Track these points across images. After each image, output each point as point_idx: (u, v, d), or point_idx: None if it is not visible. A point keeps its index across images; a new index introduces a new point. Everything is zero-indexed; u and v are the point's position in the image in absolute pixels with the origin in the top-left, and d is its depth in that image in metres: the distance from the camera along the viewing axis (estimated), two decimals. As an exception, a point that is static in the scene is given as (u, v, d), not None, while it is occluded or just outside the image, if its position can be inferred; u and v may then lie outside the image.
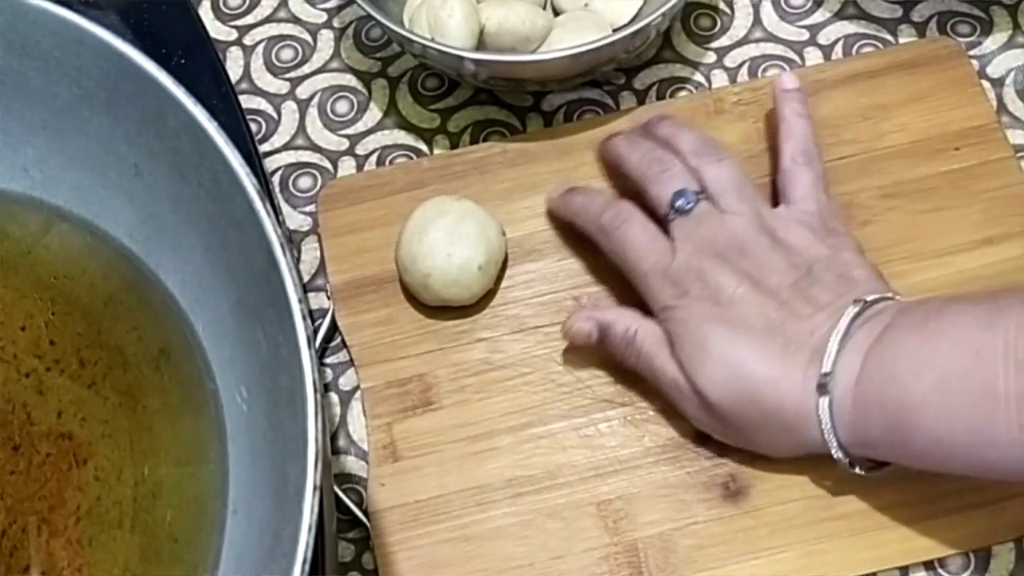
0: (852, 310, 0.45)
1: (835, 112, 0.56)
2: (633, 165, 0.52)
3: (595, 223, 0.51)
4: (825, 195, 0.50)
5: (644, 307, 0.50)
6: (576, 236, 0.54)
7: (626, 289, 0.51)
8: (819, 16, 0.61)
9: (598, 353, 0.51)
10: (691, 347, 0.46)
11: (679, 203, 0.49)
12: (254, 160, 0.55)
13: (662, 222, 0.50)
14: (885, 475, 0.46)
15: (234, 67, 0.62)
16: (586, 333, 0.50)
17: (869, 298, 0.45)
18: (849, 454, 0.45)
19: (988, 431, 0.40)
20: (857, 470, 0.45)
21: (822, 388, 0.44)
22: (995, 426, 0.40)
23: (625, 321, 0.49)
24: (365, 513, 0.50)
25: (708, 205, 0.49)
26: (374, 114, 0.60)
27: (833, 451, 0.45)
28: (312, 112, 0.61)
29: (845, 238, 0.49)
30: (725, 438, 0.48)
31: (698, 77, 0.60)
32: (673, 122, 0.53)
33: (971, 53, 0.58)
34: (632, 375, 0.51)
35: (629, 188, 0.53)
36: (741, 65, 0.60)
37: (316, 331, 0.54)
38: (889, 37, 0.60)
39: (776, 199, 0.52)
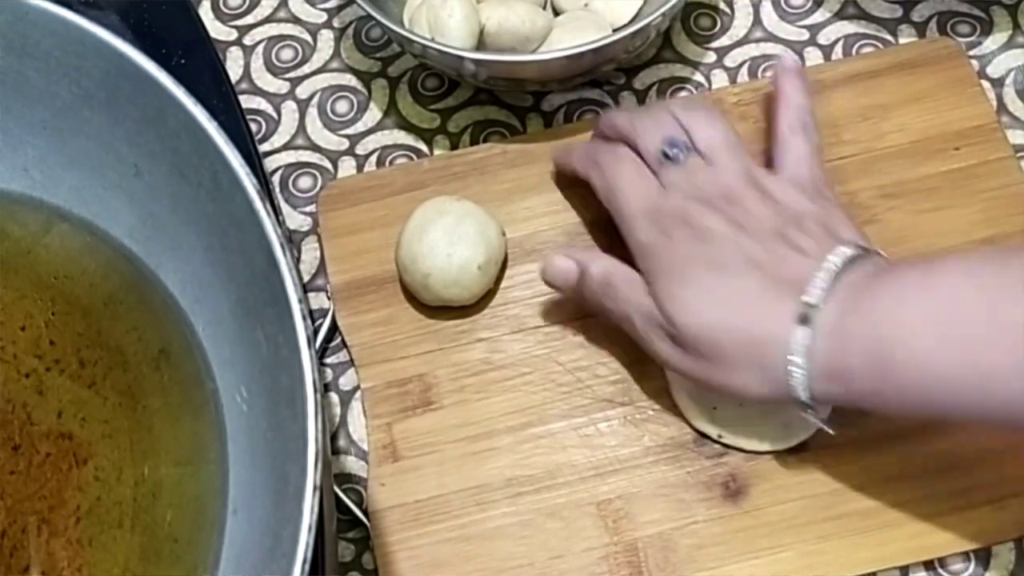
0: (846, 250, 0.44)
1: (835, 112, 0.56)
2: (624, 122, 0.52)
3: (592, 160, 0.52)
4: (819, 167, 0.50)
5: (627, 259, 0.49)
6: (576, 236, 0.54)
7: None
8: (819, 16, 0.61)
9: (597, 352, 0.52)
10: (667, 279, 0.46)
11: (671, 152, 0.49)
12: (254, 160, 0.55)
13: (654, 168, 0.50)
14: (842, 435, 0.46)
15: (234, 67, 0.62)
16: (565, 270, 0.50)
17: (861, 243, 0.45)
18: (812, 393, 0.44)
19: (986, 362, 0.39)
20: (810, 417, 0.45)
21: (804, 319, 0.43)
22: (994, 356, 0.39)
23: (603, 262, 0.50)
24: (365, 513, 0.50)
25: (699, 160, 0.49)
26: (374, 114, 0.60)
27: (796, 385, 0.43)
28: (312, 112, 0.61)
29: (835, 203, 0.48)
30: (697, 376, 0.47)
31: (698, 77, 0.60)
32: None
33: (971, 53, 0.58)
34: (632, 375, 0.51)
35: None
36: (741, 65, 0.60)
37: (316, 331, 0.54)
38: (889, 37, 0.60)
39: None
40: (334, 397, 0.53)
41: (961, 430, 0.48)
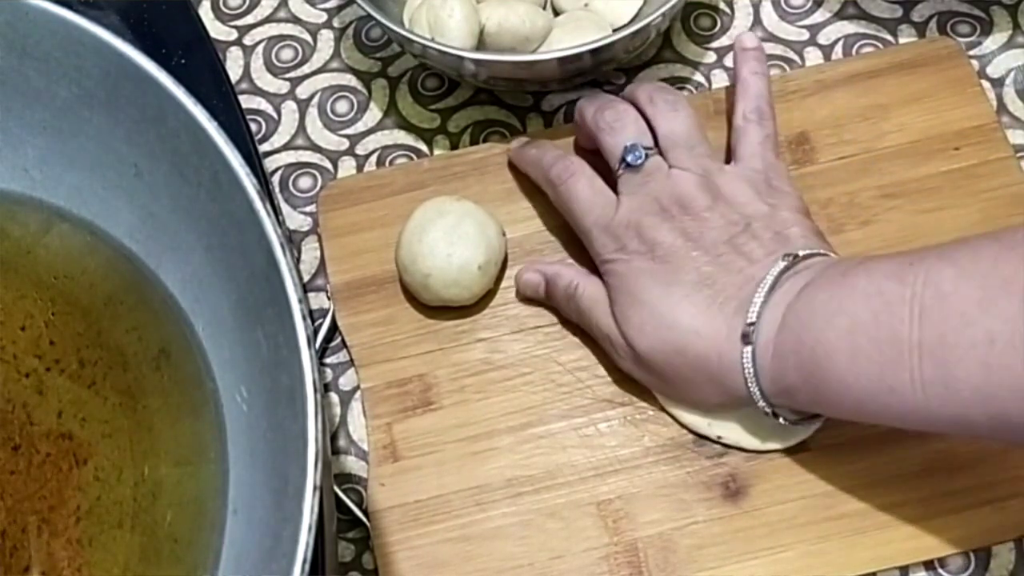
0: (781, 263, 0.46)
1: (835, 112, 0.56)
2: (590, 116, 0.53)
3: (544, 175, 0.53)
4: (773, 154, 0.51)
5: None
6: (576, 237, 0.54)
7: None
8: (819, 16, 0.61)
9: (597, 352, 0.52)
10: (624, 300, 0.48)
11: (629, 157, 0.50)
12: (254, 160, 0.55)
13: (612, 174, 0.51)
14: (809, 426, 0.48)
15: (234, 67, 0.62)
16: (534, 284, 0.52)
17: (800, 253, 0.46)
18: (772, 404, 0.46)
19: (893, 378, 0.41)
20: (781, 420, 0.46)
21: (746, 338, 0.45)
22: (899, 372, 0.40)
23: (568, 275, 0.51)
24: (365, 513, 0.50)
25: (658, 160, 0.50)
26: (374, 114, 0.60)
27: (756, 399, 0.46)
28: (312, 112, 0.61)
29: (788, 196, 0.49)
30: (660, 391, 0.50)
31: (698, 77, 0.60)
32: (638, 81, 0.54)
33: (971, 53, 0.58)
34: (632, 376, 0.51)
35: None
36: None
37: (316, 331, 0.54)
38: (889, 37, 0.60)
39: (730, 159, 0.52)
40: (334, 397, 0.53)
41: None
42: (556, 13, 0.59)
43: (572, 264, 0.52)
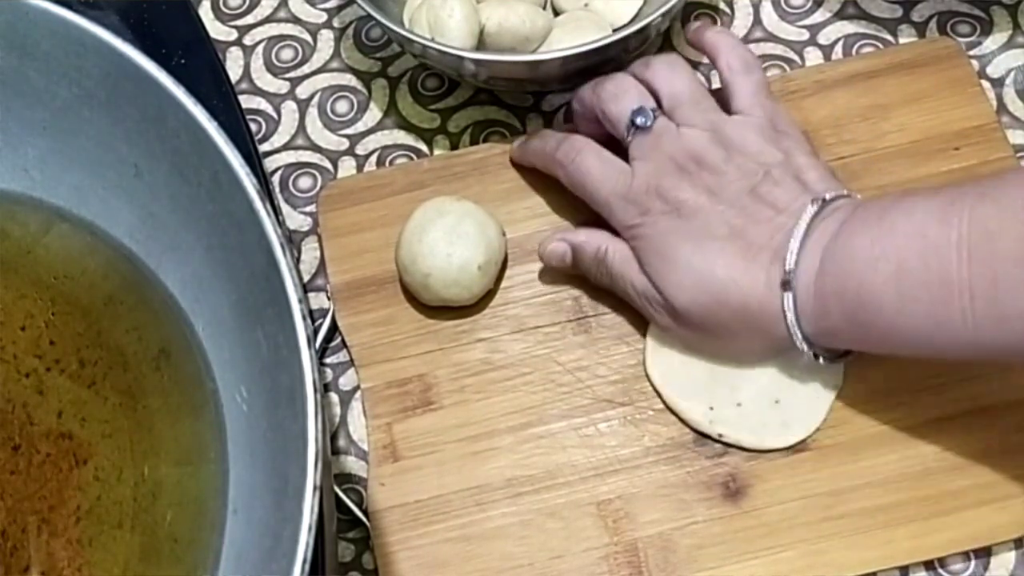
0: (812, 209, 0.46)
1: (835, 112, 0.56)
2: (588, 93, 0.53)
3: (551, 158, 0.53)
4: (769, 100, 0.51)
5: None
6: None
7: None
8: (819, 16, 0.61)
9: (596, 352, 0.52)
10: (657, 259, 0.48)
11: (638, 120, 0.50)
12: (254, 160, 0.55)
13: (621, 143, 0.51)
14: (849, 362, 0.49)
15: (234, 67, 0.62)
16: (560, 254, 0.52)
17: (827, 196, 0.46)
18: (813, 345, 0.46)
19: (942, 316, 0.41)
20: (821, 360, 0.47)
21: (786, 285, 0.45)
22: (950, 312, 0.41)
23: (596, 240, 0.51)
24: (365, 513, 0.50)
25: (665, 121, 0.50)
26: (374, 114, 0.60)
27: (798, 343, 0.46)
28: (312, 112, 0.61)
29: (797, 140, 0.50)
30: (700, 347, 0.50)
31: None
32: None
33: (971, 53, 0.58)
34: (632, 375, 0.51)
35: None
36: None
37: (316, 331, 0.54)
38: (889, 37, 0.60)
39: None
40: (334, 397, 0.53)
41: (961, 430, 0.48)
42: (556, 13, 0.59)
43: (596, 230, 0.52)
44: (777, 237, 0.46)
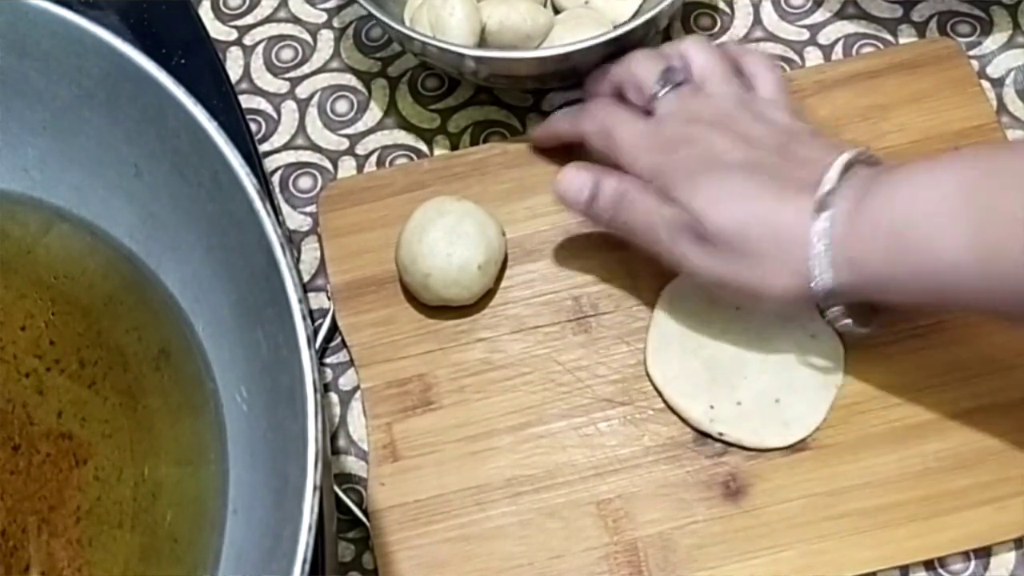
0: (849, 152, 0.45)
1: (835, 112, 0.56)
2: (617, 67, 0.53)
3: (577, 121, 0.53)
4: (789, 97, 0.51)
5: None
6: (576, 236, 0.54)
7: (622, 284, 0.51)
8: (819, 16, 0.61)
9: (596, 352, 0.52)
10: (689, 182, 0.47)
11: (669, 75, 0.51)
12: (254, 160, 0.55)
13: (648, 103, 0.51)
14: (865, 334, 0.47)
15: (234, 67, 0.62)
16: (579, 184, 0.50)
17: (863, 149, 0.46)
18: (836, 284, 0.44)
19: (987, 247, 0.41)
20: (828, 316, 0.46)
21: (820, 206, 0.44)
22: (994, 242, 0.40)
23: (617, 175, 0.50)
24: (365, 513, 0.50)
25: (693, 87, 0.51)
26: (374, 114, 0.60)
27: (821, 272, 0.44)
28: (312, 112, 0.61)
29: (819, 130, 0.50)
30: (722, 274, 0.47)
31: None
32: None
33: (971, 53, 0.58)
34: (633, 375, 0.51)
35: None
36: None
37: (316, 331, 0.54)
38: (889, 37, 0.60)
39: None
40: (334, 397, 0.53)
41: (960, 430, 0.48)
42: (556, 11, 0.59)
43: (615, 170, 0.50)
44: (813, 172, 0.45)
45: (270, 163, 0.59)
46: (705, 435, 0.50)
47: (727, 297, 0.50)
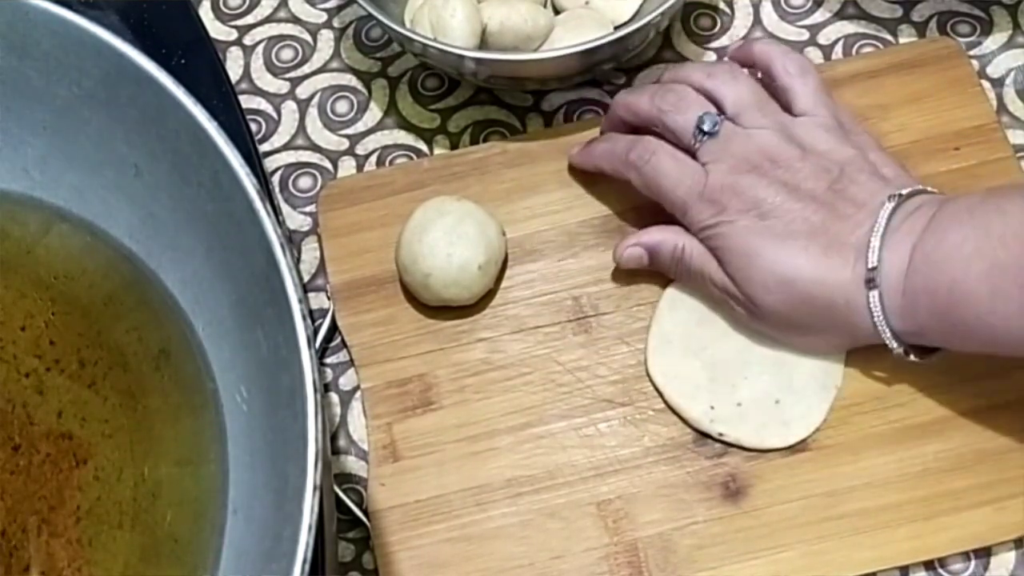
0: (889, 205, 0.46)
1: (835, 112, 0.56)
2: (646, 105, 0.52)
3: (623, 161, 0.52)
4: (831, 98, 0.51)
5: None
6: (576, 236, 0.54)
7: (624, 283, 0.51)
8: (819, 16, 0.61)
9: (596, 352, 0.52)
10: (738, 259, 0.48)
11: (706, 125, 0.50)
12: (254, 160, 0.55)
13: (688, 150, 0.51)
14: (939, 359, 0.47)
15: (234, 67, 0.62)
16: (637, 257, 0.52)
17: (904, 191, 0.47)
18: (903, 343, 0.46)
19: None
20: (912, 357, 0.47)
21: (871, 283, 0.45)
22: None
23: (671, 240, 0.51)
24: (365, 513, 0.50)
25: (732, 125, 0.50)
26: (374, 114, 0.60)
27: (887, 340, 0.46)
28: (312, 112, 0.61)
29: (865, 137, 0.50)
30: (782, 342, 0.50)
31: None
32: (676, 66, 0.54)
33: (971, 53, 0.58)
34: (633, 375, 0.51)
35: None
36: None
37: (316, 331, 0.54)
38: (889, 37, 0.60)
39: None
40: (334, 397, 0.53)
41: (960, 430, 0.48)
42: (556, 11, 0.59)
43: (670, 227, 0.51)
44: (858, 233, 0.46)
45: (270, 163, 0.59)
46: (705, 435, 0.50)
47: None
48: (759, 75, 0.53)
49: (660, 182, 0.50)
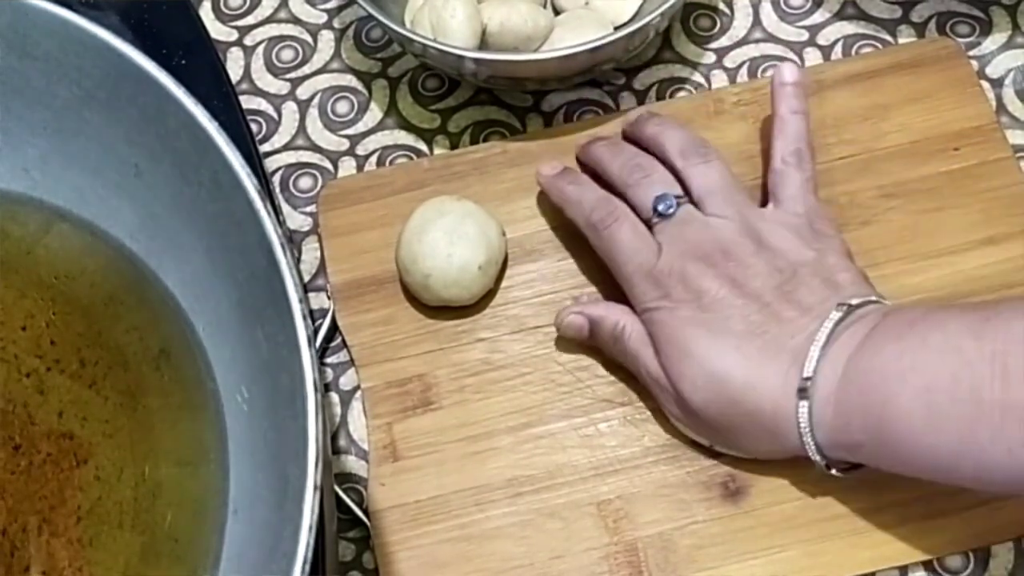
0: (836, 314, 0.44)
1: (835, 112, 0.56)
2: (615, 171, 0.52)
3: (586, 218, 0.51)
4: (814, 197, 0.50)
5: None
6: (576, 236, 0.54)
7: (615, 287, 0.51)
8: (819, 16, 0.61)
9: (596, 352, 0.52)
10: (672, 350, 0.47)
11: (660, 207, 0.49)
12: (254, 160, 0.55)
13: (647, 224, 0.50)
14: (861, 476, 0.46)
15: (234, 67, 0.62)
16: (577, 327, 0.51)
17: (853, 302, 0.45)
18: (827, 456, 0.45)
19: (972, 438, 0.40)
20: (834, 472, 0.45)
21: (803, 392, 0.44)
22: (980, 433, 0.39)
23: (614, 317, 0.50)
24: (365, 513, 0.50)
25: (690, 209, 0.49)
26: (374, 114, 0.60)
27: (811, 454, 0.45)
28: (312, 112, 0.61)
29: (832, 240, 0.49)
30: (708, 440, 0.49)
31: (697, 77, 0.60)
32: (661, 120, 0.53)
33: (971, 53, 0.58)
34: (631, 375, 0.51)
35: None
36: (741, 65, 0.60)
37: (316, 331, 0.54)
38: (889, 37, 0.60)
39: (767, 199, 0.51)
40: (334, 397, 0.53)
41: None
42: (556, 12, 0.59)
43: (616, 304, 0.50)
44: (798, 338, 0.44)
45: (270, 163, 0.59)
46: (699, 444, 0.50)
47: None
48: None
49: (614, 251, 0.50)
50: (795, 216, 0.49)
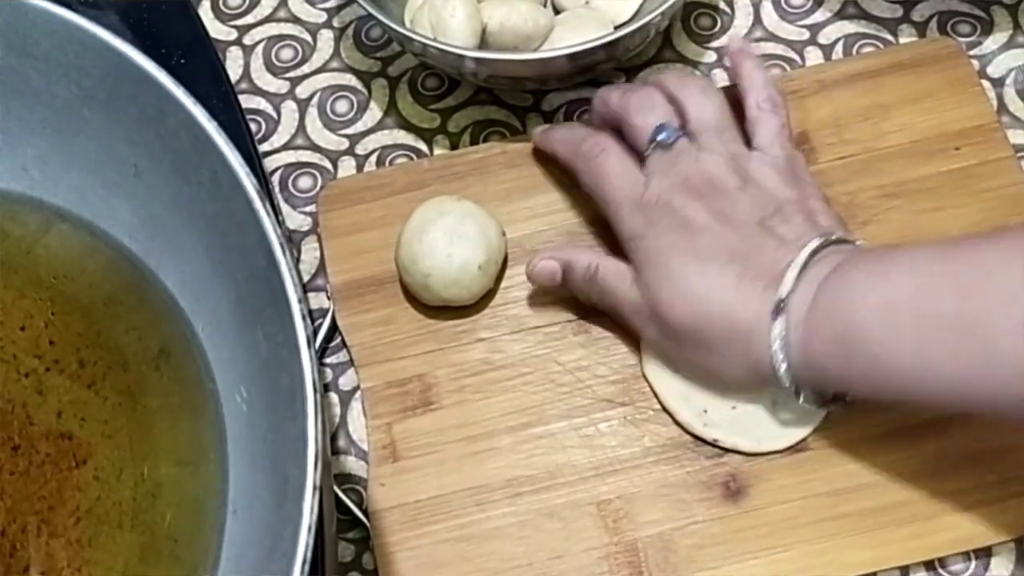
0: (814, 243, 0.46)
1: (835, 112, 0.56)
2: (615, 102, 0.53)
3: (574, 150, 0.53)
4: (791, 144, 0.51)
5: (614, 247, 0.51)
6: (576, 236, 0.54)
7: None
8: (819, 16, 0.61)
9: (596, 352, 0.52)
10: (653, 273, 0.48)
11: (661, 136, 0.50)
12: (254, 160, 0.55)
13: (640, 155, 0.51)
14: (836, 409, 0.47)
15: (234, 67, 0.62)
16: (550, 271, 0.52)
17: (834, 236, 0.46)
18: (796, 380, 0.45)
19: (929, 353, 0.41)
20: (801, 400, 0.46)
21: (777, 312, 0.45)
22: (937, 348, 0.41)
23: (586, 258, 0.51)
24: (365, 513, 0.50)
25: (687, 142, 0.50)
26: (374, 114, 0.60)
27: (781, 376, 0.45)
28: (312, 112, 0.61)
29: (812, 187, 0.50)
30: (686, 365, 0.49)
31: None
32: (659, 72, 0.54)
33: (971, 53, 0.58)
34: (632, 375, 0.51)
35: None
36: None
37: (316, 331, 0.54)
38: (889, 37, 0.60)
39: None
40: (334, 397, 0.53)
41: (960, 430, 0.48)
42: (556, 11, 0.59)
43: (587, 248, 0.52)
44: (777, 267, 0.46)
45: (270, 163, 0.59)
46: (702, 440, 0.50)
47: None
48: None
49: (603, 181, 0.51)
50: (776, 158, 0.50)
